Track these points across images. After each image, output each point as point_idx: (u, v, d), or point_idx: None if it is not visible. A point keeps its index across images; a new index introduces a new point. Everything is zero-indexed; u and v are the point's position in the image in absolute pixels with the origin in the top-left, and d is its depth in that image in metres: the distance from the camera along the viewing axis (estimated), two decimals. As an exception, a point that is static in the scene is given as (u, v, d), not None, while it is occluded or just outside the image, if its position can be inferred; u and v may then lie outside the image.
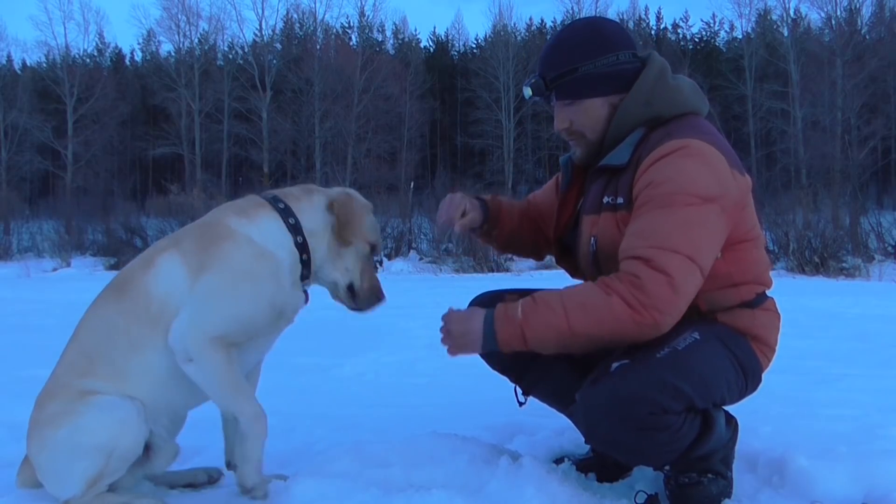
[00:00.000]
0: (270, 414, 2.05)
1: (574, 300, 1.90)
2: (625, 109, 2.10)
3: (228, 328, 1.97)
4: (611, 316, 1.85)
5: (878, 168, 33.02)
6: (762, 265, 2.13)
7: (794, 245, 15.55)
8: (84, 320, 2.10)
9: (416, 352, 5.05)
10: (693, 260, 1.87)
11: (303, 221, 2.11)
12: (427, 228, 19.98)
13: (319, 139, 35.00)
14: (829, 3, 33.23)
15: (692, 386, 1.86)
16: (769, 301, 2.14)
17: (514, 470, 2.08)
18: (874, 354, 4.94)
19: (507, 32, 38.94)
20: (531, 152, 38.46)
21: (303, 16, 40.93)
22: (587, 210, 2.20)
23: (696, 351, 1.91)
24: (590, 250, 2.13)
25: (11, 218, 23.72)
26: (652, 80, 2.09)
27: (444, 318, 2.08)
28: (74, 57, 38.71)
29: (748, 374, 2.04)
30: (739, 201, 2.00)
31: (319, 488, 1.97)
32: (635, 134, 2.09)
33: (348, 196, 2.19)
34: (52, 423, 1.97)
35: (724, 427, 2.04)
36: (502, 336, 1.94)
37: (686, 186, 1.90)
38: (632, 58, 2.13)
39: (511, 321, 1.93)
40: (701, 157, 1.94)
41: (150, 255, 2.09)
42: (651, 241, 1.88)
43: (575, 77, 2.11)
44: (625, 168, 2.06)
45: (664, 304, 1.84)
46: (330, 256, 2.14)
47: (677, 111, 2.08)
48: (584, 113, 2.14)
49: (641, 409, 1.82)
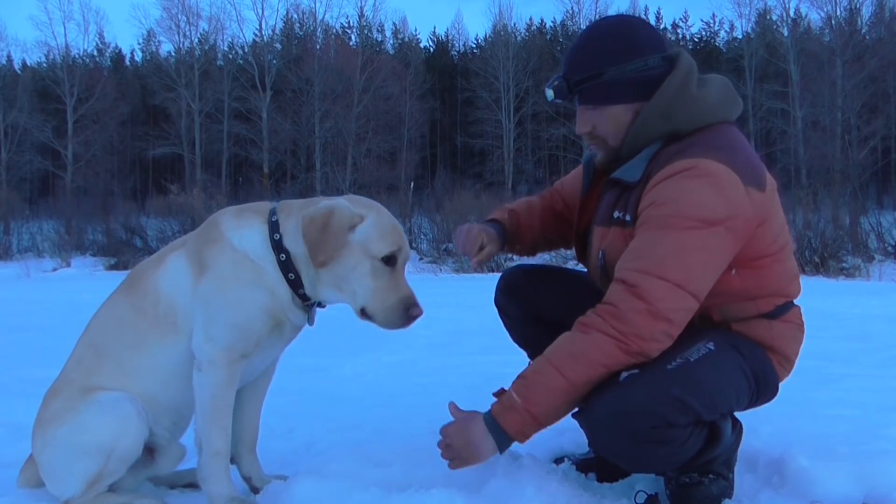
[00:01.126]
0: (270, 414, 2.05)
1: (559, 354, 1.87)
2: (643, 121, 2.02)
3: (231, 337, 1.95)
4: (599, 353, 1.83)
5: (878, 168, 32.99)
6: (785, 277, 2.05)
7: (794, 245, 15.52)
8: (96, 316, 2.12)
9: (416, 352, 5.05)
10: (681, 287, 1.83)
11: (286, 240, 1.97)
12: (427, 228, 19.97)
13: (319, 139, 34.96)
14: (829, 3, 33.23)
15: (700, 399, 1.83)
16: (792, 312, 2.08)
17: (514, 470, 2.08)
18: (874, 354, 4.93)
19: (507, 32, 38.90)
20: (531, 152, 38.43)
21: (303, 16, 40.93)
22: (599, 221, 2.16)
23: (709, 362, 1.88)
24: (598, 264, 2.10)
25: (11, 218, 23.70)
26: (674, 90, 2.00)
27: (443, 431, 1.96)
28: (74, 57, 38.70)
29: (761, 385, 2.02)
30: (754, 219, 1.92)
31: (319, 488, 1.97)
32: (651, 148, 2.02)
33: (327, 210, 1.91)
34: (54, 421, 1.97)
35: (731, 433, 2.03)
36: (512, 429, 1.87)
37: (686, 209, 1.85)
38: (661, 62, 2.03)
39: (513, 409, 1.86)
40: (708, 178, 1.87)
41: (163, 253, 2.11)
42: (639, 265, 1.85)
43: (600, 82, 2.04)
44: (636, 184, 2.01)
45: (645, 331, 1.82)
46: (325, 279, 1.96)
47: (697, 125, 1.99)
48: (606, 119, 2.07)
49: (645, 422, 1.80)
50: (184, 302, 1.99)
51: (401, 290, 1.94)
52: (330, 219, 1.90)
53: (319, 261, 1.90)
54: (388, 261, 1.94)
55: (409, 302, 1.94)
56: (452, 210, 19.15)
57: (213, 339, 1.94)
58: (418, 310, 1.95)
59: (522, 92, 36.65)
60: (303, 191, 30.78)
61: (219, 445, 1.98)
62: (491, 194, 24.19)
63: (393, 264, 1.94)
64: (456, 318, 6.94)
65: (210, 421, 1.97)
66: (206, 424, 1.97)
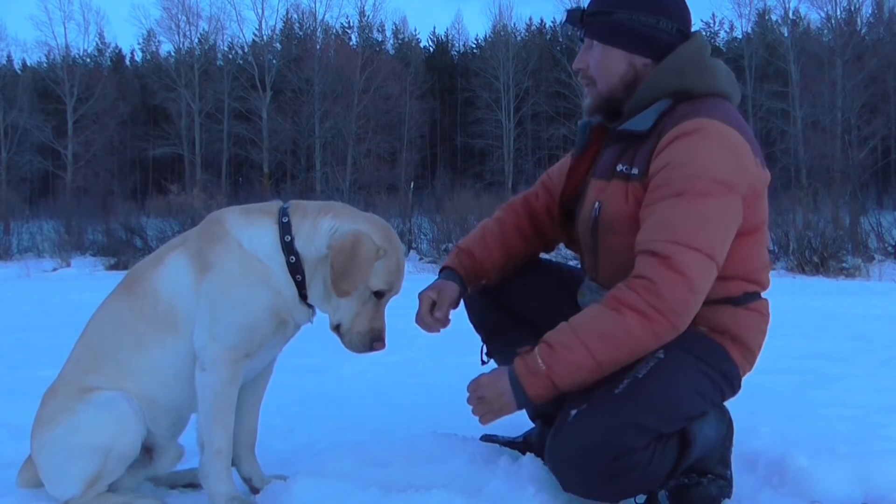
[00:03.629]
0: (271, 414, 2.05)
1: (590, 332, 1.84)
2: (655, 77, 2.02)
3: (236, 337, 1.95)
4: (629, 336, 1.81)
5: (878, 168, 32.98)
6: (757, 262, 2.03)
7: (794, 245, 15.52)
8: (94, 317, 2.11)
9: (416, 352, 5.05)
10: (711, 256, 1.83)
11: (298, 243, 1.97)
12: (427, 228, 19.96)
13: (319, 139, 34.97)
14: (828, 3, 33.22)
15: (656, 414, 1.82)
16: (759, 303, 2.06)
17: (514, 470, 2.08)
18: (874, 354, 4.93)
19: (507, 32, 38.91)
20: (531, 152, 38.43)
21: (303, 16, 40.92)
22: (598, 174, 2.13)
23: (659, 374, 1.85)
24: (591, 215, 2.06)
25: (11, 218, 23.67)
26: (689, 53, 2.03)
27: (472, 386, 1.98)
28: (74, 57, 38.69)
29: (724, 381, 1.99)
30: (757, 190, 1.95)
31: (319, 488, 1.97)
32: (661, 103, 2.01)
33: (356, 238, 1.93)
34: (51, 422, 1.97)
35: (713, 430, 2.00)
36: (533, 392, 1.87)
37: (705, 171, 1.84)
38: (675, 31, 2.06)
39: (536, 374, 1.86)
40: (723, 139, 1.89)
41: (162, 252, 2.09)
42: (669, 235, 1.82)
43: (608, 20, 2.07)
44: (646, 137, 1.99)
45: (681, 307, 1.81)
46: (320, 289, 1.99)
47: (708, 90, 2.01)
48: (602, 59, 2.08)
49: (605, 457, 1.77)
50: (184, 302, 1.98)
51: (376, 321, 2.00)
52: (358, 248, 1.92)
53: (343, 290, 1.92)
54: (379, 294, 1.98)
55: (376, 335, 2.00)
56: (452, 210, 19.14)
57: (218, 339, 1.94)
58: (381, 345, 2.01)
59: (522, 92, 36.67)
60: (303, 191, 30.75)
61: (221, 444, 1.98)
62: (491, 194, 24.16)
63: (381, 297, 1.99)
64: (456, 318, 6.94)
65: (213, 420, 1.97)
66: (209, 423, 1.98)
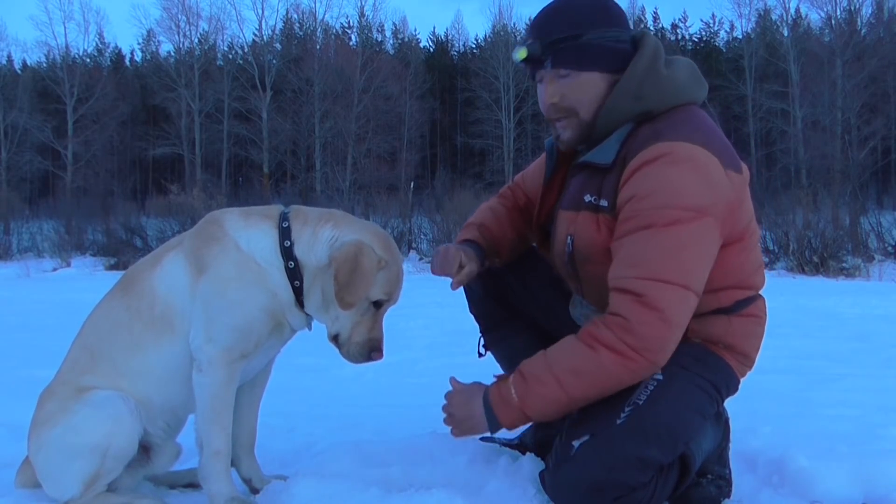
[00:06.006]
0: (271, 414, 2.05)
1: (564, 367, 1.81)
2: (613, 102, 1.92)
3: (232, 338, 1.95)
4: (603, 373, 1.78)
5: (878, 168, 33.00)
6: (749, 267, 1.97)
7: (794, 245, 15.52)
8: (91, 317, 2.10)
9: (416, 352, 5.05)
10: (686, 287, 1.77)
11: (298, 249, 1.96)
12: (427, 228, 19.96)
13: (319, 139, 34.99)
14: (828, 3, 33.25)
15: (659, 445, 1.79)
16: (754, 305, 1.99)
17: (514, 470, 2.08)
18: (874, 354, 4.93)
19: (507, 32, 38.93)
20: (531, 152, 38.39)
21: (303, 16, 40.98)
22: (565, 205, 2.06)
23: (660, 398, 1.82)
24: (566, 250, 2.01)
25: (11, 218, 23.66)
26: (643, 69, 1.91)
27: (447, 397, 2.02)
28: (74, 57, 38.74)
29: (723, 389, 1.96)
30: (734, 202, 1.86)
31: (319, 488, 1.97)
32: (622, 130, 1.92)
33: (358, 249, 1.91)
34: (47, 423, 1.96)
35: (711, 441, 2.00)
36: (505, 420, 1.89)
37: (673, 200, 1.77)
38: (629, 39, 1.97)
39: (508, 404, 1.86)
40: (688, 161, 1.80)
41: (159, 253, 2.09)
42: (639, 272, 1.77)
43: (579, 43, 1.91)
44: (610, 168, 1.91)
45: (657, 344, 1.76)
46: (318, 297, 1.97)
47: (669, 104, 1.91)
48: (580, 87, 1.94)
49: (608, 495, 1.76)
50: (181, 302, 1.98)
51: (374, 331, 1.98)
52: (361, 260, 1.90)
53: (347, 302, 1.90)
54: (378, 304, 1.97)
55: (374, 345, 1.98)
56: (452, 210, 19.11)
57: (214, 340, 1.94)
58: (379, 355, 1.99)
59: (522, 92, 36.67)
60: (302, 191, 30.78)
61: (219, 445, 1.98)
62: (491, 194, 23.81)
63: (379, 307, 1.98)
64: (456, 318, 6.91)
65: (211, 421, 1.97)
66: (207, 424, 1.97)
